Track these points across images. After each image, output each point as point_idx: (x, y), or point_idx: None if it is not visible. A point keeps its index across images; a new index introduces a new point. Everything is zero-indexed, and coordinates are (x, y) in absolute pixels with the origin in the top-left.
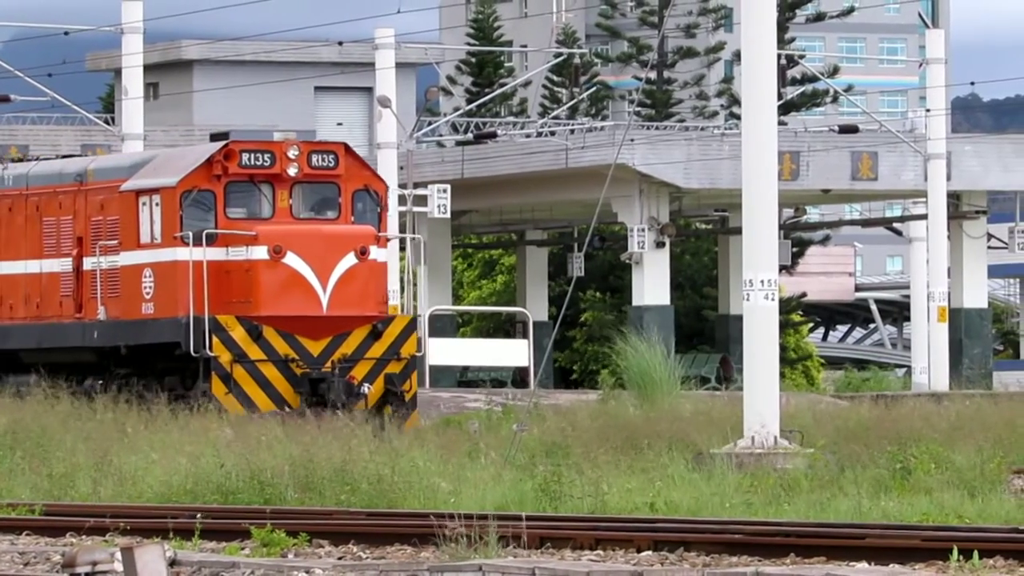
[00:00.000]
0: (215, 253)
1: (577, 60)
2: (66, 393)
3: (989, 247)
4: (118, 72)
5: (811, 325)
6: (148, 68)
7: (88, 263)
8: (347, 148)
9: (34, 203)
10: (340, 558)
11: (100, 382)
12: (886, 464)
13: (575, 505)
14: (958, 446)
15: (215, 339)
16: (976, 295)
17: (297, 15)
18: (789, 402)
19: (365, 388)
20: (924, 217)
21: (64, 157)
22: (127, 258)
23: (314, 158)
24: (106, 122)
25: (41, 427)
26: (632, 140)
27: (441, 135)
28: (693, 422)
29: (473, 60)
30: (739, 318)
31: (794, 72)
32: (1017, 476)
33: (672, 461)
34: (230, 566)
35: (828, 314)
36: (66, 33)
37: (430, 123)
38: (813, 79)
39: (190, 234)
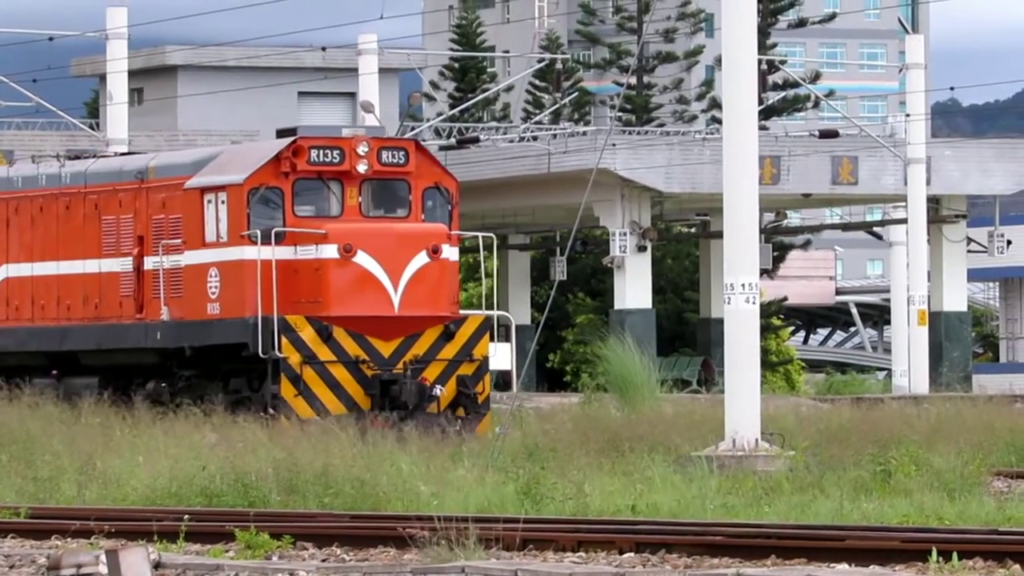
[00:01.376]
0: (283, 252)
1: (559, 65)
2: (136, 400)
3: (969, 251)
4: (103, 77)
5: (792, 329)
6: (133, 73)
7: (149, 263)
8: (417, 144)
9: (93, 201)
10: (324, 560)
11: (164, 384)
12: (866, 466)
13: (557, 507)
14: (938, 448)
15: (284, 340)
16: (956, 299)
17: (281, 21)
18: (770, 405)
19: (438, 390)
20: (904, 221)
21: (124, 154)
22: (191, 257)
23: (384, 154)
24: (91, 127)
25: (27, 431)
26: (614, 145)
27: (424, 140)
28: (675, 425)
29: (456, 65)
30: (720, 321)
31: (775, 77)
32: (997, 478)
33: (654, 464)
34: (214, 568)
35: (809, 318)
36: (51, 39)
37: (413, 128)
38: (794, 84)
39: (258, 232)
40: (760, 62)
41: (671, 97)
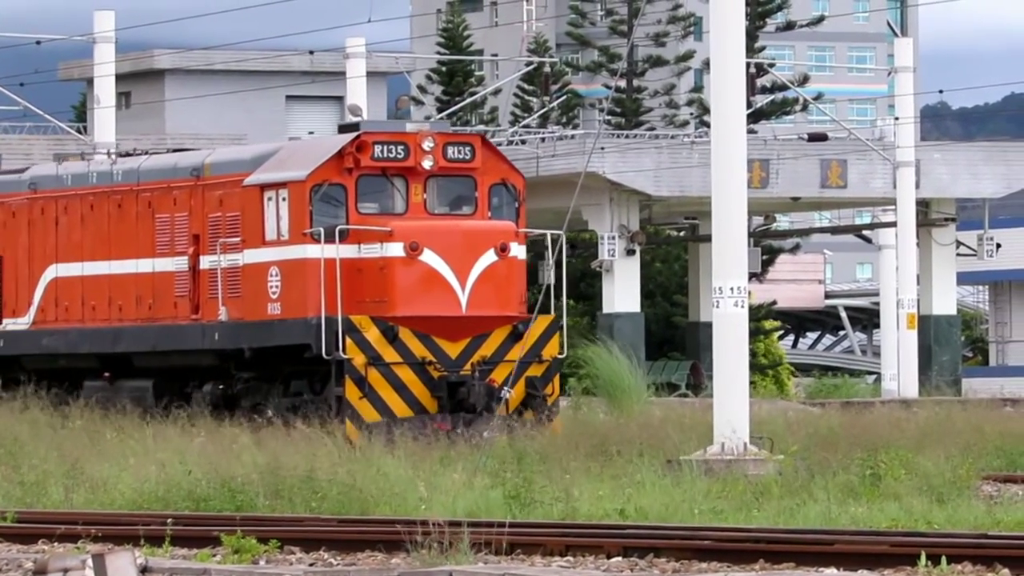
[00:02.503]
0: (347, 250)
1: (548, 69)
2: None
3: (958, 254)
4: (90, 81)
5: (781, 332)
6: (120, 77)
7: (206, 262)
8: (483, 139)
9: (146, 199)
10: (311, 564)
11: (221, 387)
12: (855, 470)
13: (545, 511)
14: (927, 452)
15: (348, 340)
16: (945, 302)
17: (268, 25)
18: (759, 409)
19: (506, 392)
20: (893, 224)
21: (177, 151)
22: (250, 256)
23: (450, 150)
24: (78, 131)
25: (13, 435)
26: (602, 148)
27: None
28: (663, 429)
29: (444, 69)
30: (709, 325)
31: (764, 81)
32: (986, 482)
33: (642, 468)
34: (201, 572)
35: (798, 321)
36: (38, 42)
37: None
38: (783, 87)
39: (321, 230)
40: (748, 65)
41: (661, 101)
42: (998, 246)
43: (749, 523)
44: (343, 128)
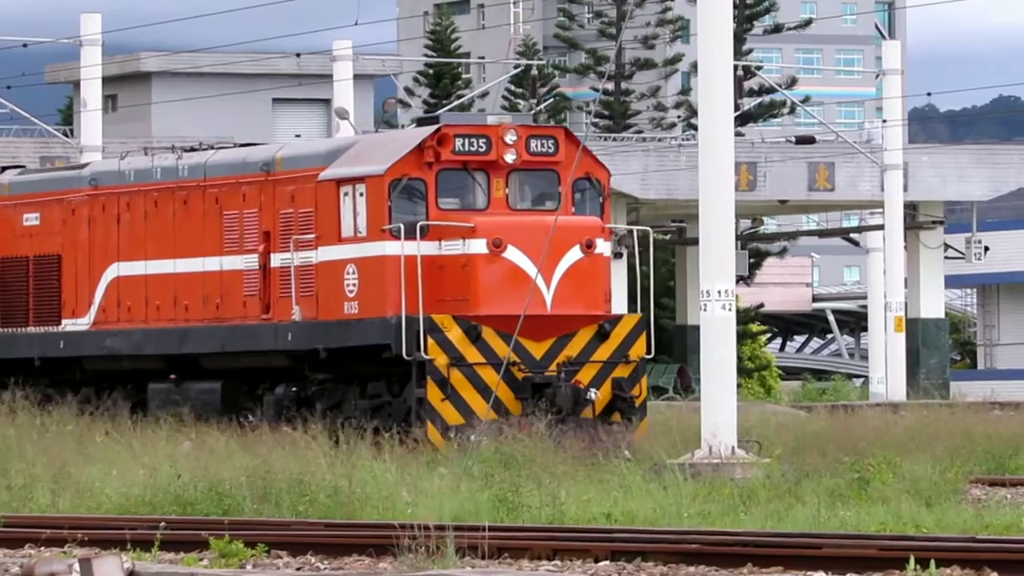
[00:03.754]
0: (427, 247)
1: (535, 71)
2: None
3: (946, 257)
4: (77, 84)
5: (769, 335)
6: (107, 80)
7: (277, 260)
8: (567, 132)
9: (213, 195)
10: (299, 569)
11: (294, 389)
12: (843, 474)
13: (533, 515)
14: (915, 456)
15: (430, 340)
16: (933, 305)
17: (255, 27)
18: (747, 412)
19: (592, 394)
20: (881, 227)
21: (243, 145)
22: (325, 253)
23: (532, 143)
24: (65, 134)
25: (1, 438)
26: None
27: None
28: (650, 432)
29: (431, 71)
30: (696, 328)
31: (751, 83)
32: (974, 485)
33: (629, 471)
34: None
35: (785, 324)
36: (25, 45)
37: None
38: (770, 90)
39: (401, 226)
40: (736, 68)
41: (648, 104)
42: (986, 249)
43: (737, 527)
44: (421, 121)
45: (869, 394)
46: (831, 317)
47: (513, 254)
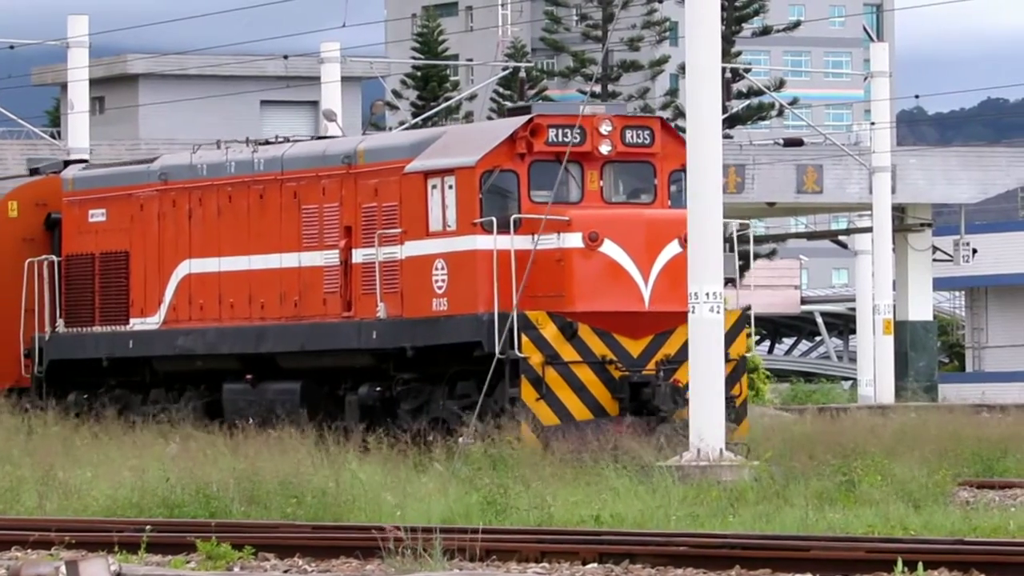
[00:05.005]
0: (520, 241)
1: (523, 73)
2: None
3: (934, 260)
4: (64, 86)
5: (757, 338)
6: (94, 82)
7: (359, 255)
8: (663, 123)
9: (291, 189)
10: (286, 571)
11: (378, 389)
12: (831, 476)
13: (521, 518)
14: (903, 458)
15: (524, 338)
16: (921, 308)
17: (242, 29)
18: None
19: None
20: (869, 230)
21: (323, 138)
22: (412, 248)
23: (628, 134)
24: (52, 136)
25: None
26: None
27: None
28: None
29: (419, 74)
30: None
31: (740, 85)
32: (962, 488)
33: (617, 474)
34: None
35: (774, 327)
36: (11, 47)
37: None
38: (759, 92)
39: (493, 220)
40: (724, 70)
41: (636, 106)
42: (974, 251)
43: (725, 529)
44: (512, 111)
45: (858, 396)
46: (819, 319)
47: (610, 248)
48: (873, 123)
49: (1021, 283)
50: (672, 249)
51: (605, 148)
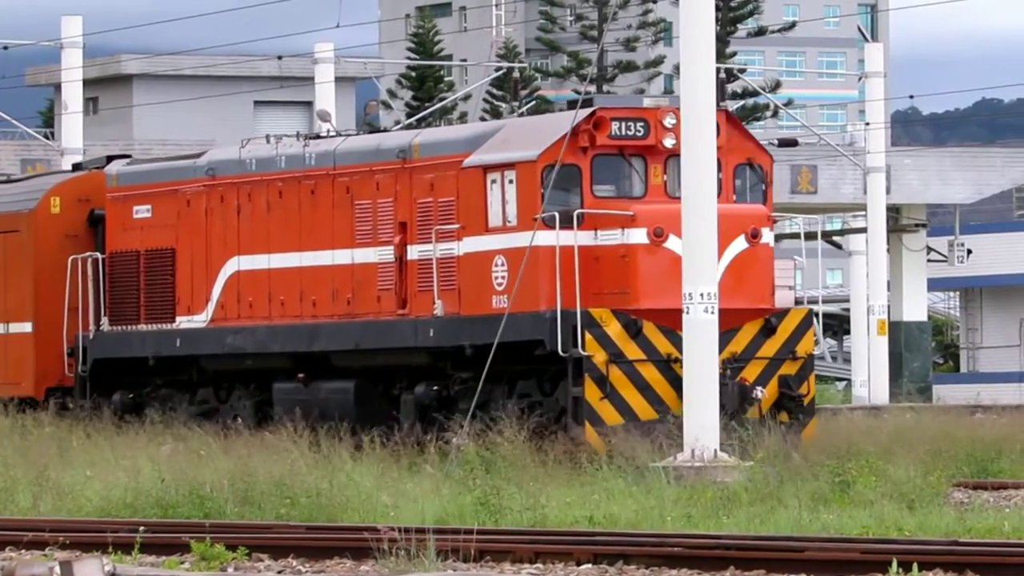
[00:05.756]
0: (583, 237)
1: (517, 74)
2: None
3: (929, 260)
4: (58, 87)
5: None
6: (88, 83)
7: (414, 252)
8: (728, 115)
9: (343, 184)
10: (280, 572)
11: (435, 388)
12: (826, 477)
13: (514, 519)
14: (898, 459)
15: (588, 336)
16: (916, 308)
17: (236, 30)
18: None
19: (759, 392)
20: (864, 230)
21: (373, 131)
22: (470, 244)
23: None
24: (46, 137)
25: None
26: None
27: None
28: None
29: (413, 74)
30: None
31: (734, 86)
32: (957, 489)
33: (611, 475)
34: None
35: None
36: (5, 47)
37: None
38: (753, 93)
39: (556, 215)
40: (719, 71)
41: None
42: (969, 252)
43: (719, 530)
44: (573, 104)
45: (852, 397)
46: (815, 320)
47: (675, 244)
48: (868, 123)
49: (1016, 284)
50: (739, 245)
51: (669, 141)
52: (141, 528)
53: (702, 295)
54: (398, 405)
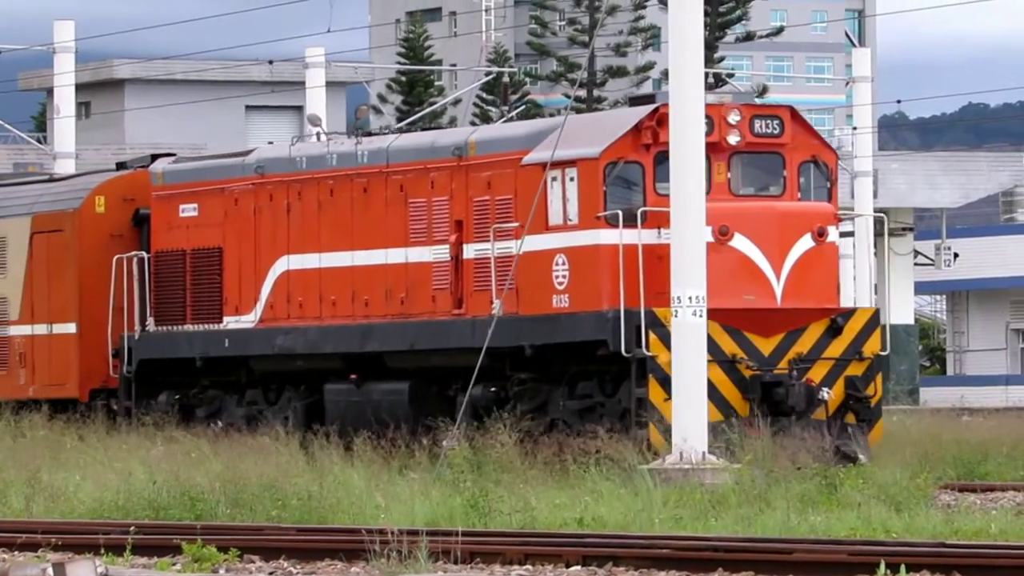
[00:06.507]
0: (646, 235)
1: (507, 79)
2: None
3: (915, 264)
4: (50, 91)
5: None
6: (80, 87)
7: (471, 250)
8: (793, 112)
9: (397, 182)
10: (271, 573)
11: (493, 389)
12: (813, 479)
13: (504, 520)
14: (885, 461)
15: (652, 336)
16: (903, 312)
17: (227, 34)
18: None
19: (825, 393)
20: (851, 234)
21: (428, 128)
22: (529, 243)
23: (757, 123)
24: (38, 141)
25: None
26: None
27: None
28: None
29: (403, 79)
30: None
31: (722, 91)
32: (944, 491)
33: (600, 477)
34: None
35: None
36: None
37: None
38: None
39: (619, 213)
40: (707, 75)
41: None
42: (955, 256)
43: (707, 532)
44: (635, 100)
45: None
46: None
47: (741, 243)
48: (855, 128)
49: (1002, 287)
50: (804, 243)
51: (733, 138)
52: (133, 530)
53: (691, 298)
54: (453, 406)
